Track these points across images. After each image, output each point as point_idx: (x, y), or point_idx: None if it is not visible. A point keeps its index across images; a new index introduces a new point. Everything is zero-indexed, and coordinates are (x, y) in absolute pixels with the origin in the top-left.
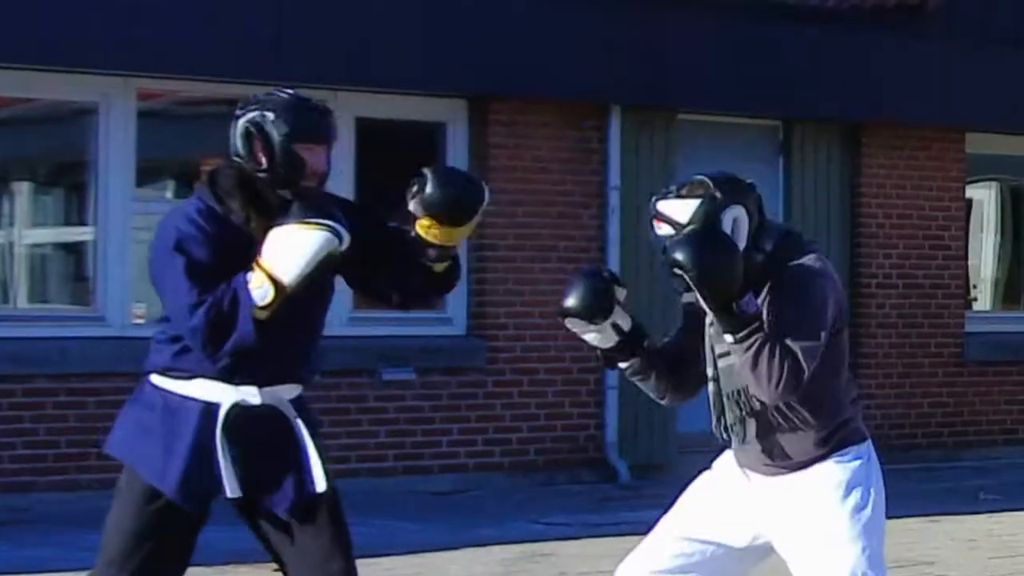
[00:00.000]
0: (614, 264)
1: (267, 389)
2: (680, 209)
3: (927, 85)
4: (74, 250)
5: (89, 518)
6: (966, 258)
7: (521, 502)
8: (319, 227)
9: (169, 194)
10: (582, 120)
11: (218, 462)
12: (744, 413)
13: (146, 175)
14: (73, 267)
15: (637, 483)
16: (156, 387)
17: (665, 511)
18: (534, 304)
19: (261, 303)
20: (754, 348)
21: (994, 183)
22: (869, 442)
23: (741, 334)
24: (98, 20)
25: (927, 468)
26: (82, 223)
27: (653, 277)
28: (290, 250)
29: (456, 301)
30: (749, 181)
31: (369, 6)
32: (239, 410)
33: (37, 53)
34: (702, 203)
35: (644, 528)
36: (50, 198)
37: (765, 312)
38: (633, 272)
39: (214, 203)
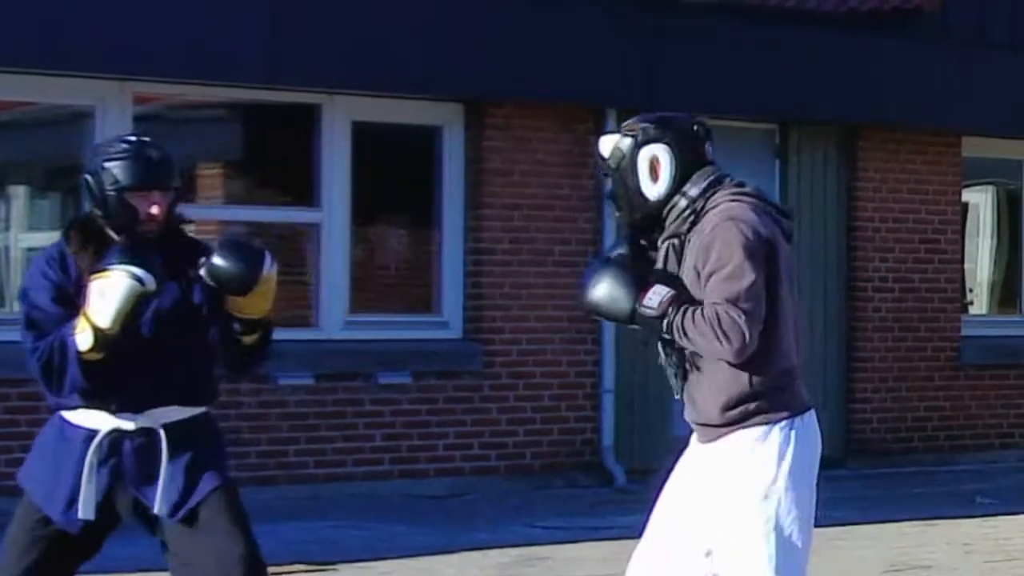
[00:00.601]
0: None
1: (144, 414)
2: (604, 144)
3: (924, 89)
4: None
5: None
6: (962, 262)
7: (517, 506)
8: (118, 272)
9: None
10: (578, 124)
11: (84, 483)
12: (678, 364)
13: None
14: None
15: (633, 487)
16: (59, 415)
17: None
18: (530, 308)
19: (83, 348)
20: (683, 332)
21: (990, 187)
22: (793, 417)
23: (663, 332)
24: (94, 24)
25: (923, 472)
26: None
27: None
28: (98, 295)
29: (452, 305)
30: (692, 123)
31: (365, 10)
32: (116, 435)
33: (33, 57)
34: (622, 138)
35: (640, 532)
36: (46, 202)
37: (687, 266)
38: None
39: (66, 249)
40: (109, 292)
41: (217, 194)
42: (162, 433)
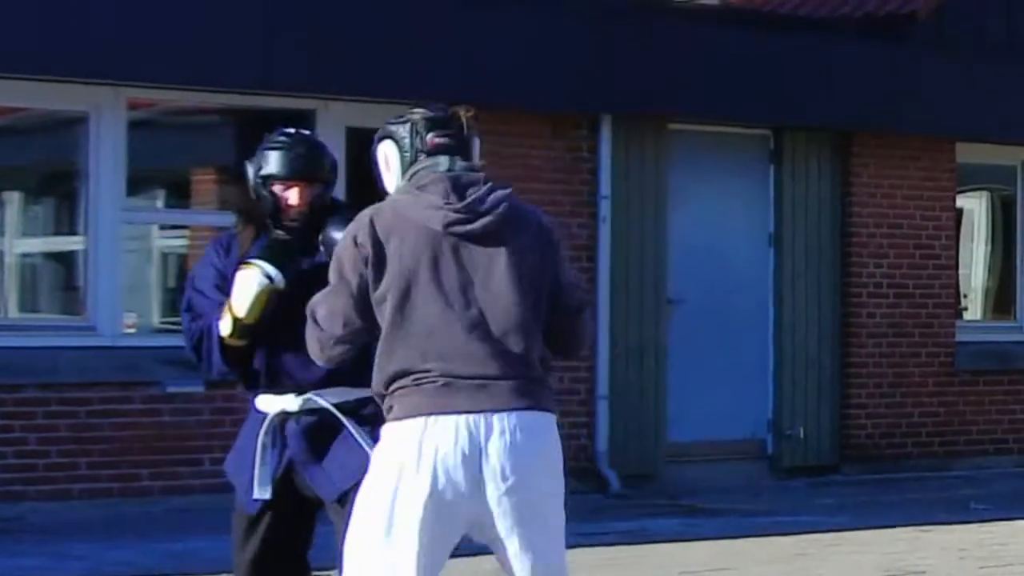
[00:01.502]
0: (604, 273)
1: (314, 395)
2: None
3: (918, 95)
4: (65, 260)
5: (79, 527)
6: (956, 267)
7: None
8: (254, 267)
9: (160, 203)
10: (572, 129)
11: (265, 466)
12: None
13: (136, 185)
14: (64, 276)
15: (628, 492)
16: (251, 404)
17: (655, 519)
18: None
19: (224, 334)
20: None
21: (984, 193)
22: (399, 423)
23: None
24: (88, 31)
25: (917, 478)
26: (73, 233)
27: (643, 285)
28: (236, 287)
29: None
30: (418, 114)
31: (358, 17)
32: (284, 416)
33: (28, 63)
34: None
35: (634, 538)
36: (41, 208)
37: None
38: (623, 280)
39: (234, 233)
40: (243, 285)
41: (211, 200)
42: (335, 412)
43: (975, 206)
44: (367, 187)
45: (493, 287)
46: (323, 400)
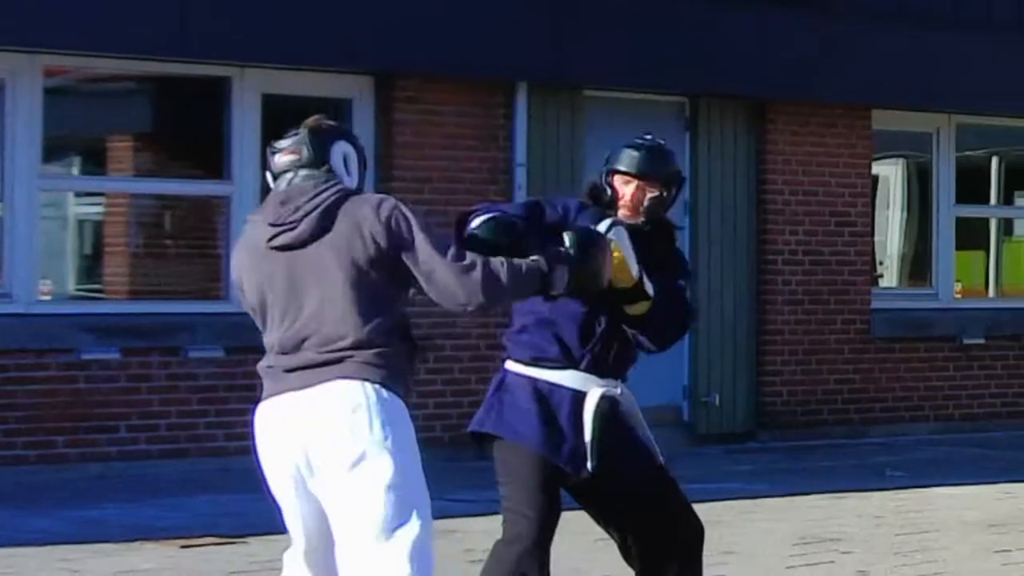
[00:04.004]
0: None
1: (608, 380)
2: None
3: (833, 62)
4: None
5: None
6: (872, 235)
7: (427, 478)
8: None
9: (76, 171)
10: (488, 97)
11: (584, 442)
12: None
13: (52, 152)
14: None
15: None
16: (518, 374)
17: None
18: None
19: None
20: None
21: (900, 160)
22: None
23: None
24: None
25: (833, 445)
26: None
27: None
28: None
29: None
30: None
31: None
32: (604, 399)
33: None
34: None
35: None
36: None
37: None
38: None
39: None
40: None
41: (127, 167)
42: (631, 400)
43: (891, 173)
44: None
45: (318, 284)
46: (626, 390)
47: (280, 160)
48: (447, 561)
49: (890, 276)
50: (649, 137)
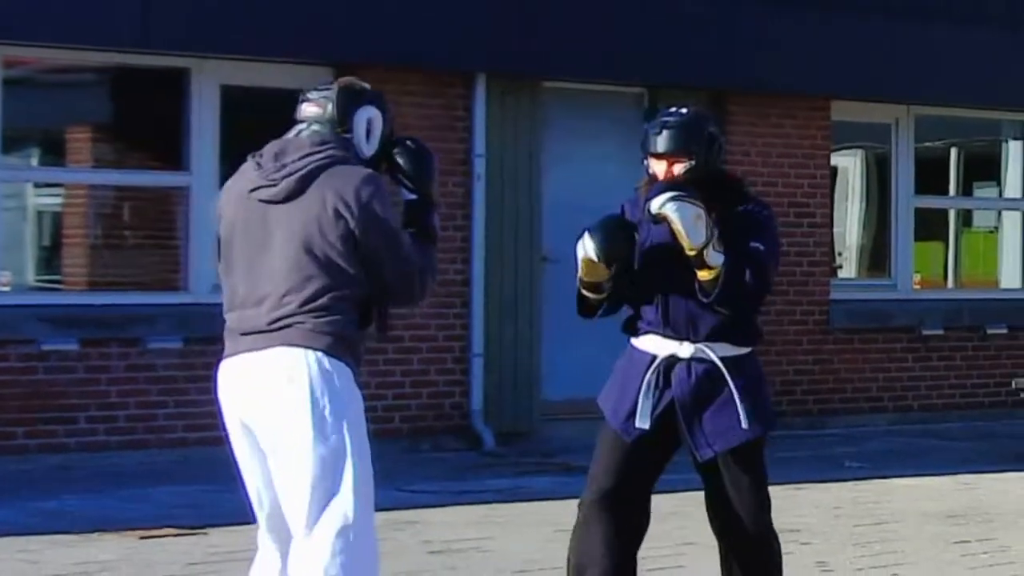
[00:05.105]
0: (479, 230)
1: (698, 345)
2: None
3: (792, 53)
4: None
5: None
6: (831, 226)
7: (386, 470)
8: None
9: (35, 162)
10: (448, 88)
11: (641, 398)
12: None
13: (11, 143)
14: None
15: (502, 450)
16: (629, 344)
17: (529, 478)
18: None
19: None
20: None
21: (859, 151)
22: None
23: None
24: None
25: (792, 436)
26: None
27: (517, 243)
28: None
29: None
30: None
31: None
32: (674, 360)
33: None
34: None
35: (509, 496)
36: None
37: None
38: (498, 238)
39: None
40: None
41: (86, 158)
42: (720, 364)
43: (850, 164)
44: (242, 145)
45: (281, 244)
46: (713, 354)
47: (305, 109)
48: (406, 552)
49: (849, 267)
50: (673, 110)
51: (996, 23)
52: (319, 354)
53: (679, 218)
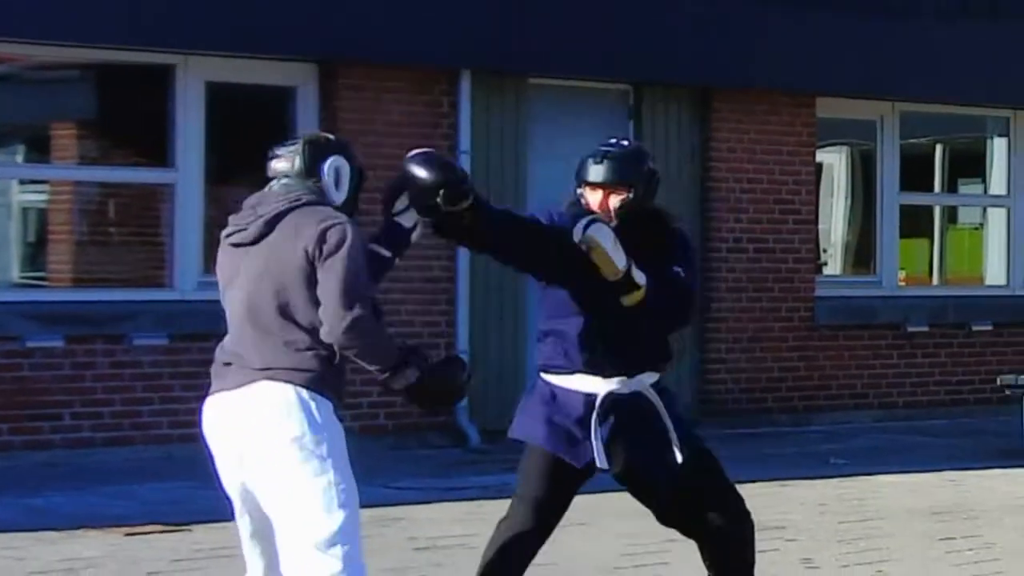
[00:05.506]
0: None
1: (632, 379)
2: None
3: (777, 50)
4: None
5: None
6: (816, 222)
7: (371, 467)
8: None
9: (20, 158)
10: (433, 85)
11: (594, 440)
12: None
13: None
14: None
15: (488, 447)
16: (543, 380)
17: (514, 474)
18: None
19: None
20: None
21: (844, 147)
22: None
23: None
24: None
25: (777, 432)
26: None
27: None
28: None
29: None
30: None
31: None
32: (612, 397)
33: None
34: None
35: (495, 492)
36: None
37: None
38: None
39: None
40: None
41: (72, 155)
42: (653, 395)
43: (835, 161)
44: (226, 142)
45: (254, 282)
46: (647, 386)
47: (274, 165)
48: (392, 548)
49: (834, 264)
50: (613, 142)
51: (983, 19)
52: (300, 388)
53: (602, 240)
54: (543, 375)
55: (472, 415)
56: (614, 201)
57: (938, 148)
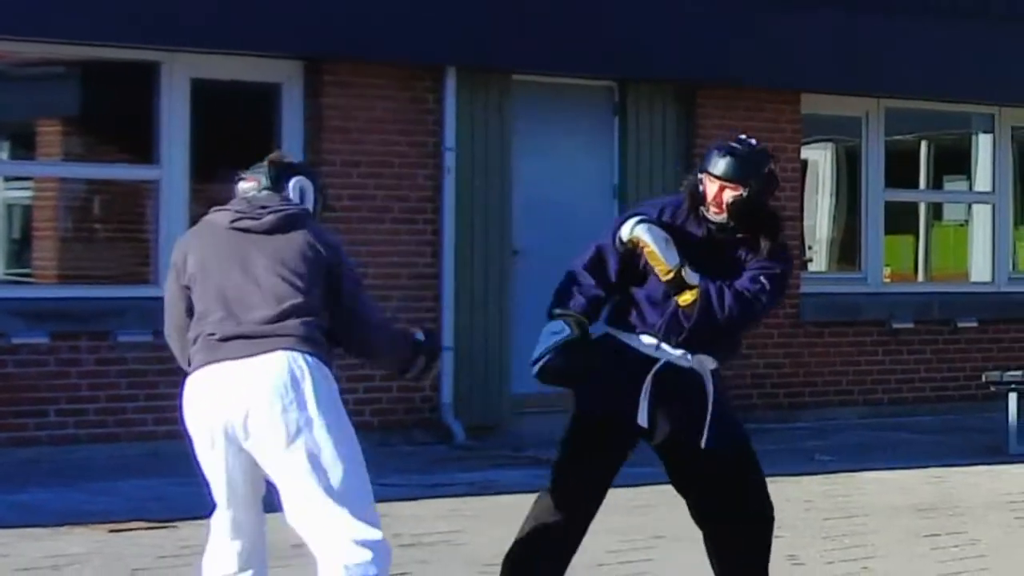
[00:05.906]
0: (449, 223)
1: (694, 356)
2: None
3: (762, 46)
4: None
5: None
6: (801, 219)
7: None
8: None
9: (4, 155)
10: (417, 81)
11: (642, 399)
12: None
13: None
14: None
15: (473, 444)
16: (612, 335)
17: (500, 471)
18: (369, 265)
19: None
20: None
21: (829, 144)
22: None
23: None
24: None
25: (763, 429)
26: None
27: (488, 236)
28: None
29: None
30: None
31: None
32: (671, 365)
33: None
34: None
35: (480, 489)
36: None
37: None
38: (468, 231)
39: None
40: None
41: (56, 151)
42: (708, 377)
43: (820, 157)
44: (212, 138)
45: (268, 265)
46: (706, 368)
47: (241, 186)
48: None
49: (819, 260)
50: (743, 138)
51: (968, 16)
52: (309, 356)
53: (651, 239)
54: (611, 328)
55: (457, 412)
56: (728, 196)
57: (923, 145)
